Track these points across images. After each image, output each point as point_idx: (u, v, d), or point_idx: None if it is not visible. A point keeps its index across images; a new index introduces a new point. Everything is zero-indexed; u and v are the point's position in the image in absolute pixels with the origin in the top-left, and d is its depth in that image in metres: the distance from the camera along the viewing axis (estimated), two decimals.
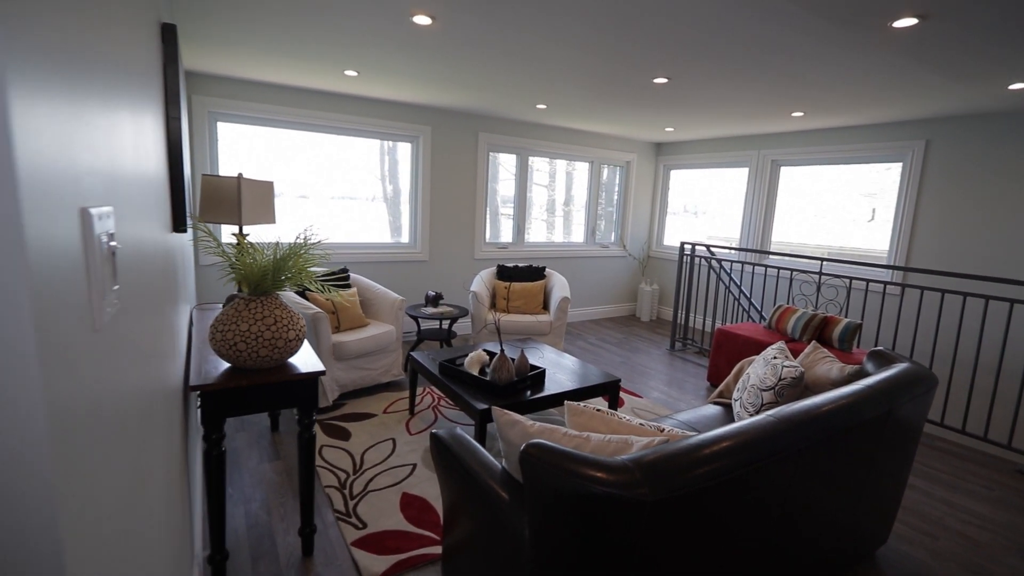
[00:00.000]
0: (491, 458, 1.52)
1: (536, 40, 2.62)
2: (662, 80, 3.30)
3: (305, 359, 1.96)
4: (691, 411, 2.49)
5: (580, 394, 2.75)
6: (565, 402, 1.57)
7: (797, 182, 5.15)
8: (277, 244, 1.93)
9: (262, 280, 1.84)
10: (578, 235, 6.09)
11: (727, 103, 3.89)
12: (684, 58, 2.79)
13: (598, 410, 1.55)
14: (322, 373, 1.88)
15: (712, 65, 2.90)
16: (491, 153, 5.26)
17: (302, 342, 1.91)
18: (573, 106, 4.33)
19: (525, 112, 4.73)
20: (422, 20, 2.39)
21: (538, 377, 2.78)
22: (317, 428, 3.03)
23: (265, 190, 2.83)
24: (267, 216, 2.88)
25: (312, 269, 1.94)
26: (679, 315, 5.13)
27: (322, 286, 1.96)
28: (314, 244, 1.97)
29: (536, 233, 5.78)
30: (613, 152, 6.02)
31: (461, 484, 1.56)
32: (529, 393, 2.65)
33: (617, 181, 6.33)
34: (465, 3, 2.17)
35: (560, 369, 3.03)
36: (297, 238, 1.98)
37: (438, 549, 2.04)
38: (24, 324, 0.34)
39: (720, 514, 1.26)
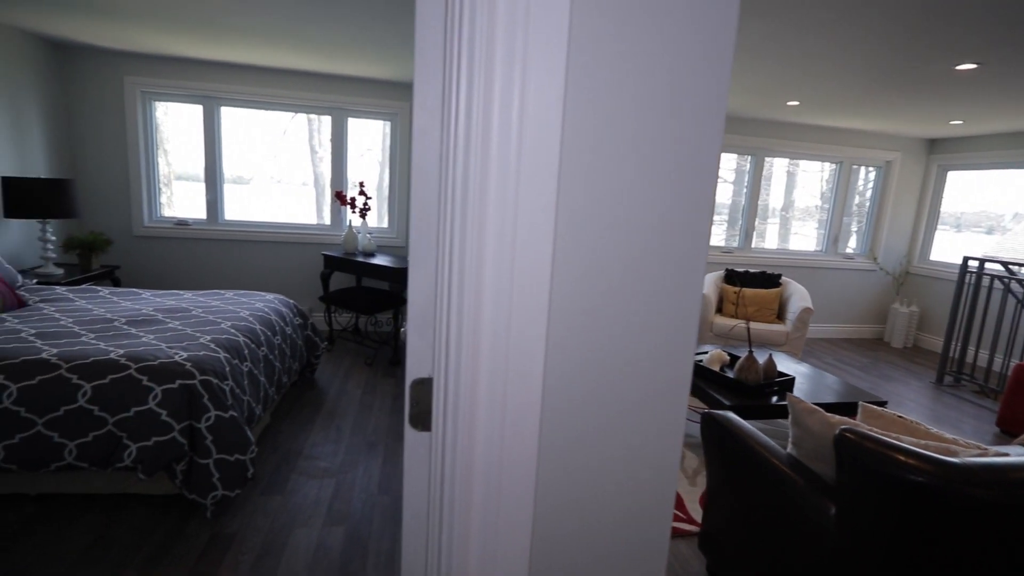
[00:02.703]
0: (773, 443, 1.60)
1: (817, 36, 2.54)
2: (968, 66, 2.84)
3: None
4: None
5: (834, 409, 2.58)
6: (860, 403, 1.56)
7: None
8: None
9: None
10: (800, 243, 5.52)
11: None
12: (1008, 39, 2.38)
13: (900, 416, 1.51)
14: None
15: None
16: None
17: None
18: (832, 101, 3.98)
19: (770, 110, 4.50)
20: None
21: (787, 384, 2.70)
22: None
23: None
24: None
25: None
26: (953, 345, 4.30)
27: None
28: None
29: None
30: (869, 151, 5.30)
31: (736, 465, 1.67)
32: (776, 398, 2.59)
33: (870, 183, 5.54)
34: (756, 8, 2.24)
35: (807, 380, 2.87)
36: None
37: (685, 526, 2.18)
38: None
39: None
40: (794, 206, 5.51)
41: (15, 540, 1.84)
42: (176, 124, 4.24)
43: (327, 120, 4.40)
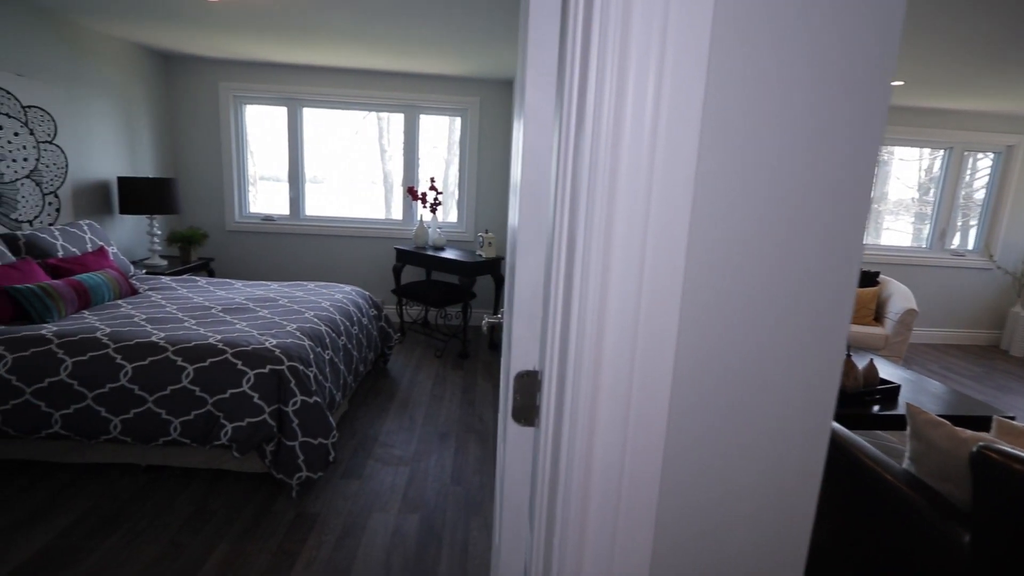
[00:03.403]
0: (886, 457, 1.44)
1: (931, 4, 2.26)
2: None
3: None
4: None
5: (956, 422, 2.30)
6: (995, 418, 1.37)
7: None
8: None
9: None
10: (893, 238, 5.01)
11: None
12: None
13: None
14: None
15: None
16: None
17: None
18: (944, 79, 3.56)
19: None
20: None
21: (891, 392, 2.45)
22: None
23: None
24: None
25: None
26: None
27: None
28: None
29: None
30: (985, 134, 4.72)
31: (839, 479, 1.52)
32: (878, 408, 2.36)
33: (978, 172, 4.94)
34: None
35: (913, 388, 2.59)
36: None
37: None
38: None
39: None
40: (887, 198, 5.02)
41: (129, 505, 2.02)
42: (259, 126, 4.51)
43: (396, 119, 4.51)
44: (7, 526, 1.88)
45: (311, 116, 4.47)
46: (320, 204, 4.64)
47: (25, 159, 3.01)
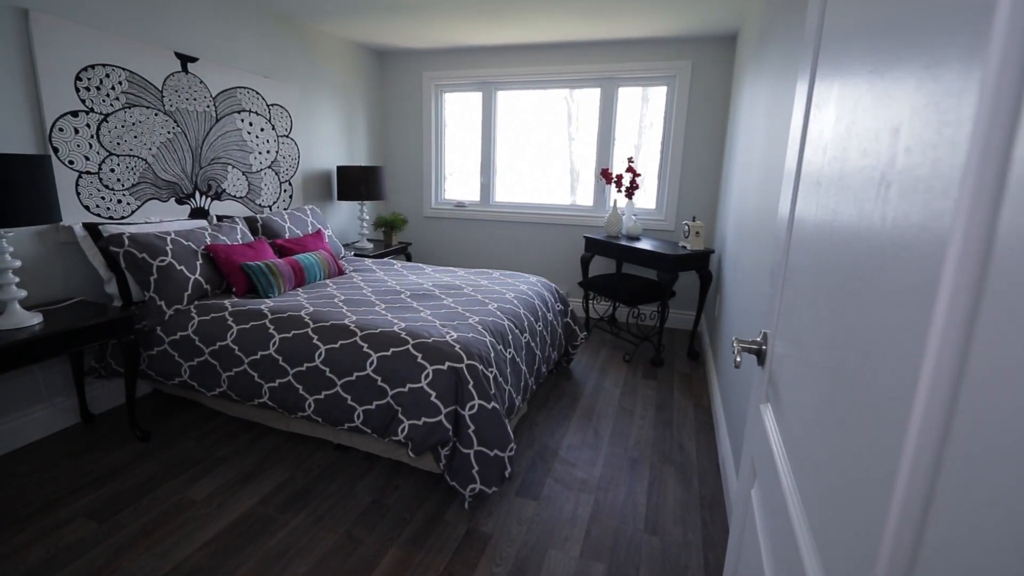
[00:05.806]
0: None
1: None
2: None
3: None
4: None
5: None
6: None
7: None
8: None
9: None
10: None
11: None
12: None
13: None
14: None
15: None
16: None
17: None
18: None
19: None
20: None
21: None
22: None
23: None
24: None
25: None
26: None
27: None
28: None
29: None
30: None
31: None
32: None
33: None
34: None
35: None
36: None
37: None
38: None
39: None
40: None
41: (318, 482, 2.03)
42: (454, 117, 4.55)
43: (586, 102, 4.09)
44: (228, 482, 2.03)
45: (504, 100, 4.34)
46: (509, 190, 4.52)
47: (268, 151, 3.41)
